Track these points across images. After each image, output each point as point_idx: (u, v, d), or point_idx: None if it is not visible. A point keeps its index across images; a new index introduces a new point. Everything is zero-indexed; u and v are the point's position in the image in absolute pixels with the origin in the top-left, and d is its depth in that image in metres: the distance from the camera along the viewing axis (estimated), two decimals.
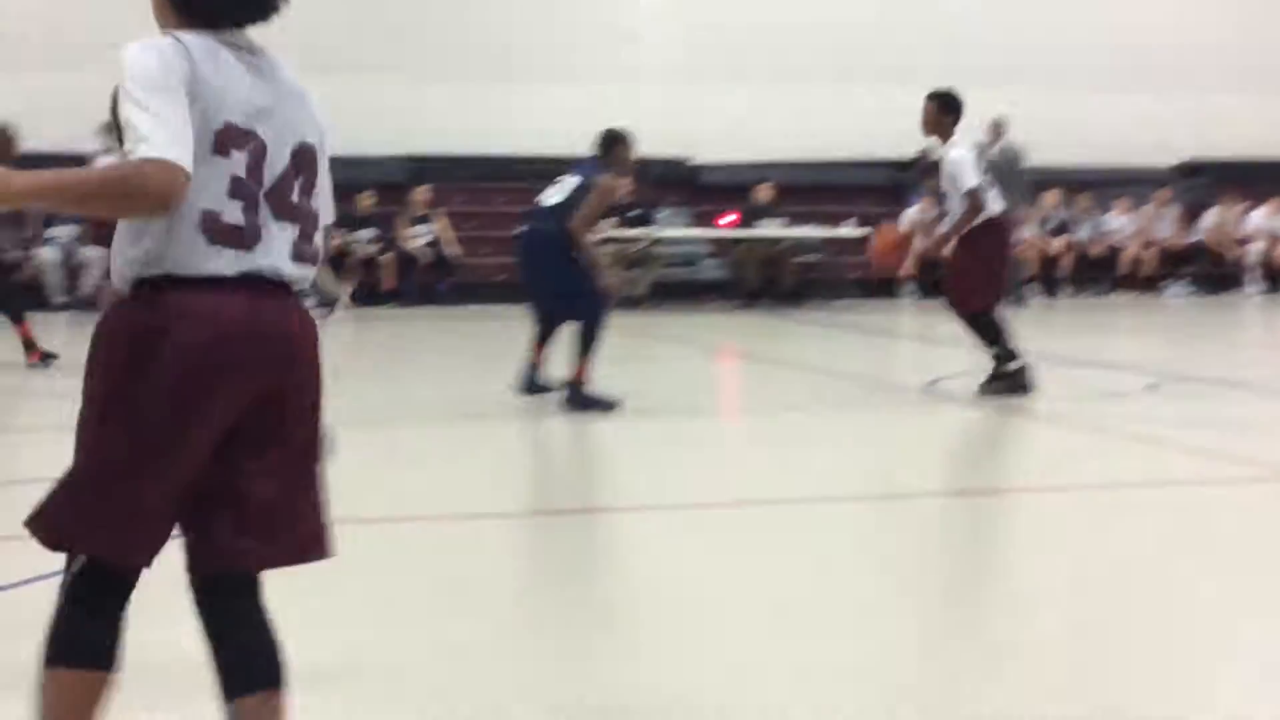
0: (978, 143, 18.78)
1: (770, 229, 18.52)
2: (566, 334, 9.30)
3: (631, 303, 17.81)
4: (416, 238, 18.52)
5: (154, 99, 2.58)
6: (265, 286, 2.76)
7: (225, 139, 2.68)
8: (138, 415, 2.69)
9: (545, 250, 9.16)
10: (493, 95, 19.85)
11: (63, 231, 17.02)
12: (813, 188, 20.22)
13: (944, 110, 9.83)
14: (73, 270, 17.06)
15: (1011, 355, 9.74)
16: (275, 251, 2.77)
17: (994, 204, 9.74)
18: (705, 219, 19.39)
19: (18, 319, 11.37)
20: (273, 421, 2.77)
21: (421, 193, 18.57)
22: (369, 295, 18.19)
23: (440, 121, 19.45)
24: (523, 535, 6.30)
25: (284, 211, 2.79)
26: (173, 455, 2.70)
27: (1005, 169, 17.94)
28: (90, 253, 17.08)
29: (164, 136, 2.55)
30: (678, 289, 18.74)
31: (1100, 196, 20.83)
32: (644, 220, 18.37)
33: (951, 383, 10.67)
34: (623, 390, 9.29)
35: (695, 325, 16.23)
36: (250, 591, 2.85)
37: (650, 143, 19.62)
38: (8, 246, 11.95)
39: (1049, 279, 20.11)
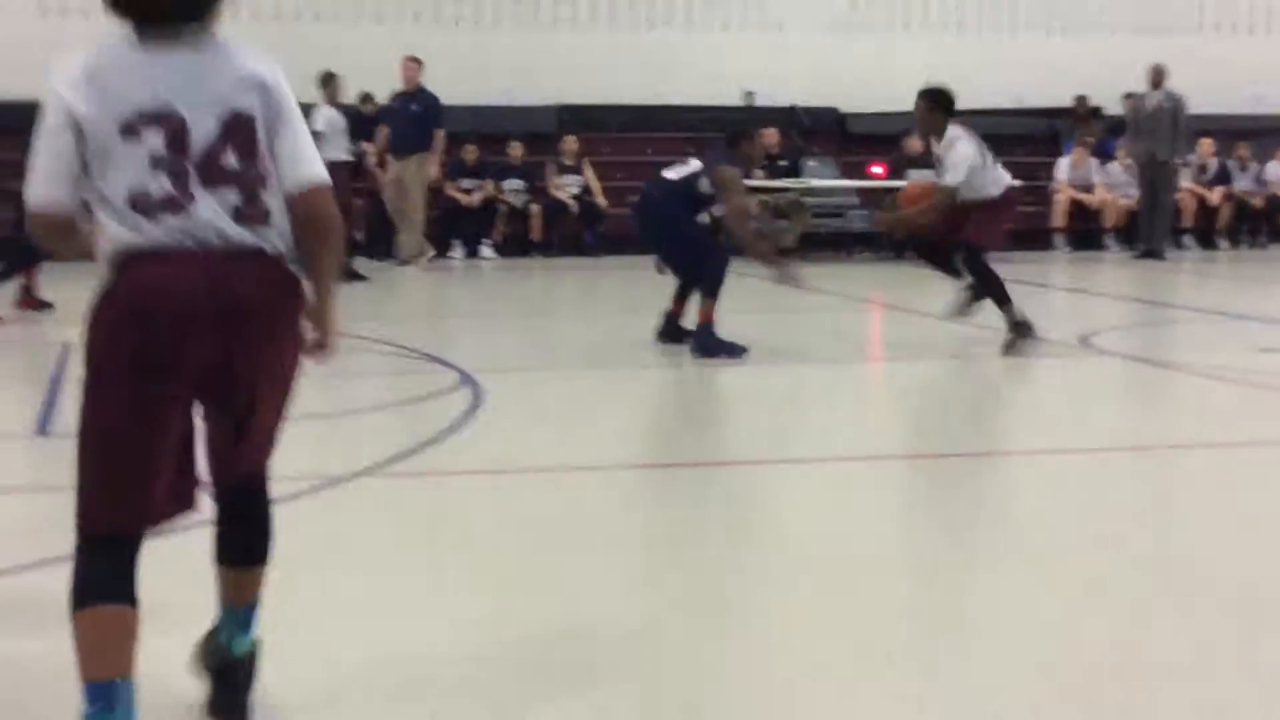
0: (1131, 94, 18.39)
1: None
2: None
3: (779, 253, 17.72)
4: (565, 187, 18.59)
5: (42, 141, 3.07)
6: (212, 249, 3.06)
7: (133, 125, 3.04)
8: (104, 383, 3.08)
9: (658, 220, 9.63)
10: (642, 44, 19.84)
11: None
12: None
13: (935, 108, 9.68)
14: None
15: (1009, 301, 9.73)
16: (212, 214, 3.07)
17: (993, 187, 9.65)
18: (854, 169, 19.21)
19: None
20: (224, 372, 3.10)
21: (570, 142, 18.62)
22: (517, 245, 18.31)
23: (589, 71, 19.49)
24: (663, 487, 6.30)
25: (216, 177, 3.09)
26: (138, 414, 3.06)
27: (1165, 118, 17.53)
28: None
29: (37, 178, 3.07)
30: (826, 240, 18.60)
31: (1262, 145, 20.26)
32: (792, 170, 18.23)
33: (1106, 335, 10.47)
34: (769, 341, 9.27)
35: (843, 276, 16.10)
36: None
37: (799, 92, 19.61)
38: None
39: (1207, 230, 19.63)
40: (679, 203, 9.47)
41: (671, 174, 9.63)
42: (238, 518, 3.42)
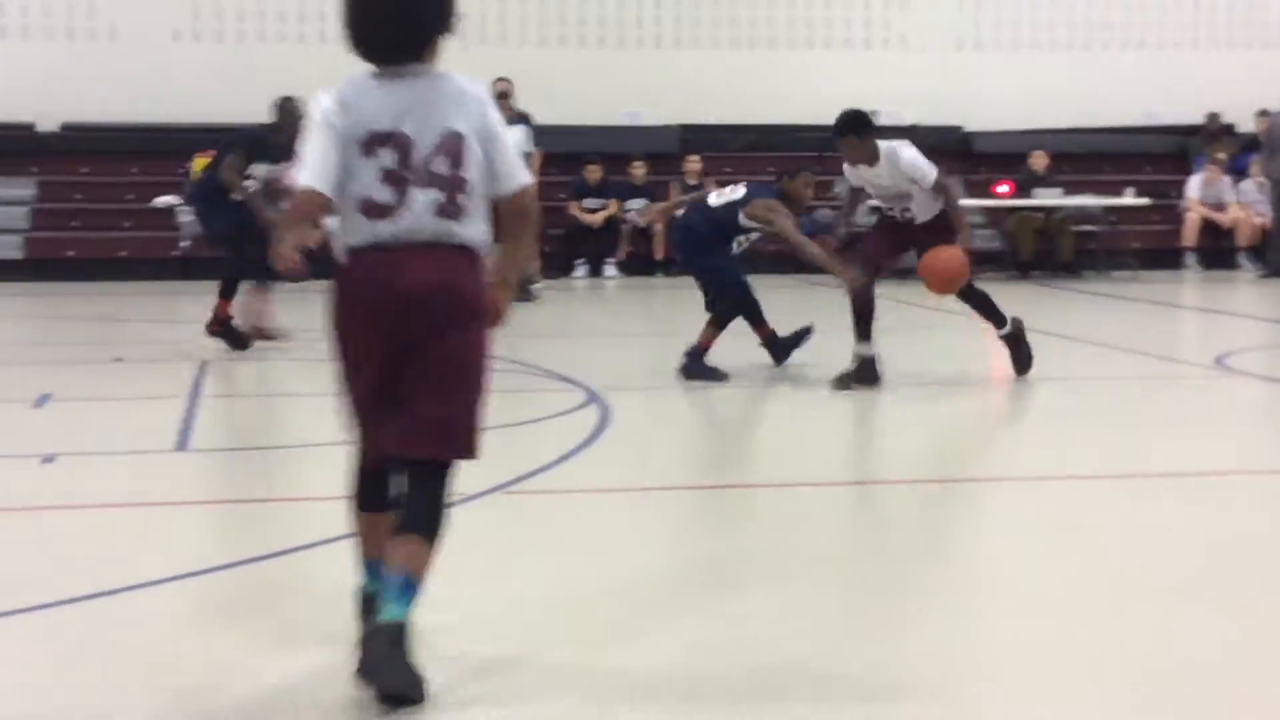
0: (1265, 112, 18.05)
1: (1046, 198, 18.09)
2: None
3: (902, 273, 17.62)
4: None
5: (313, 141, 3.84)
6: (410, 244, 3.79)
7: (370, 144, 3.81)
8: (340, 348, 3.88)
9: (691, 243, 9.78)
10: (765, 64, 19.86)
11: None
12: (1090, 155, 19.70)
13: (864, 134, 8.87)
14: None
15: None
16: (417, 214, 3.79)
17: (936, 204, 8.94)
18: (978, 188, 19.05)
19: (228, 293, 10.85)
20: (413, 341, 3.79)
21: (692, 162, 18.65)
22: (640, 264, 18.37)
23: (712, 91, 19.54)
24: (797, 505, 6.30)
25: (428, 182, 3.81)
26: (359, 372, 3.86)
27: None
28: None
29: (308, 167, 3.83)
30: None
31: None
32: None
33: (1242, 356, 10.30)
34: (893, 360, 9.21)
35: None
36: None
37: (922, 110, 19.50)
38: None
39: None
40: (713, 228, 9.57)
41: (714, 199, 9.77)
42: (412, 488, 3.89)
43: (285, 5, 18.87)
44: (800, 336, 9.78)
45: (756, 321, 9.74)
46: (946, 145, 19.75)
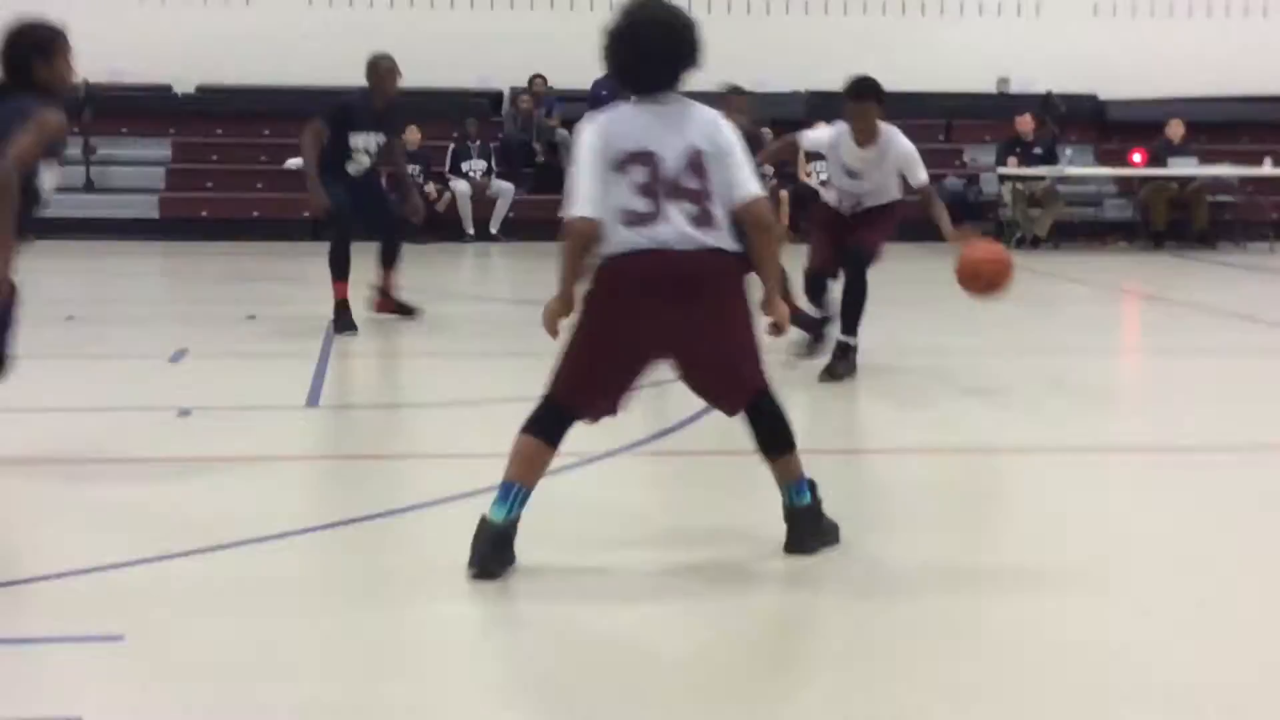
0: None
1: (1181, 168, 17.73)
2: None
3: (1033, 242, 17.39)
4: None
5: (582, 172, 4.47)
6: (670, 249, 4.38)
7: (624, 162, 4.41)
8: (580, 330, 4.49)
9: None
10: (893, 29, 19.66)
11: (476, 165, 17.74)
12: (1228, 124, 19.29)
13: (880, 103, 8.31)
14: (484, 203, 17.74)
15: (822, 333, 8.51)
16: (673, 224, 4.39)
17: (897, 189, 8.56)
18: (1112, 157, 18.74)
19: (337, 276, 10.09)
20: (683, 334, 4.45)
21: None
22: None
23: (839, 57, 19.36)
24: (915, 472, 6.26)
25: (679, 195, 4.40)
26: (617, 351, 4.48)
27: None
28: (500, 185, 17.76)
29: (579, 199, 4.44)
30: (1081, 228, 18.19)
31: None
32: (1047, 158, 17.86)
33: None
34: (1019, 331, 9.09)
35: (1100, 266, 15.72)
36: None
37: (1056, 78, 19.19)
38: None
39: None
40: None
41: None
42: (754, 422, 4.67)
43: None
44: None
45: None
46: (1080, 113, 19.47)
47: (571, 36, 18.44)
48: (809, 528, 4.72)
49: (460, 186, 17.54)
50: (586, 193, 4.43)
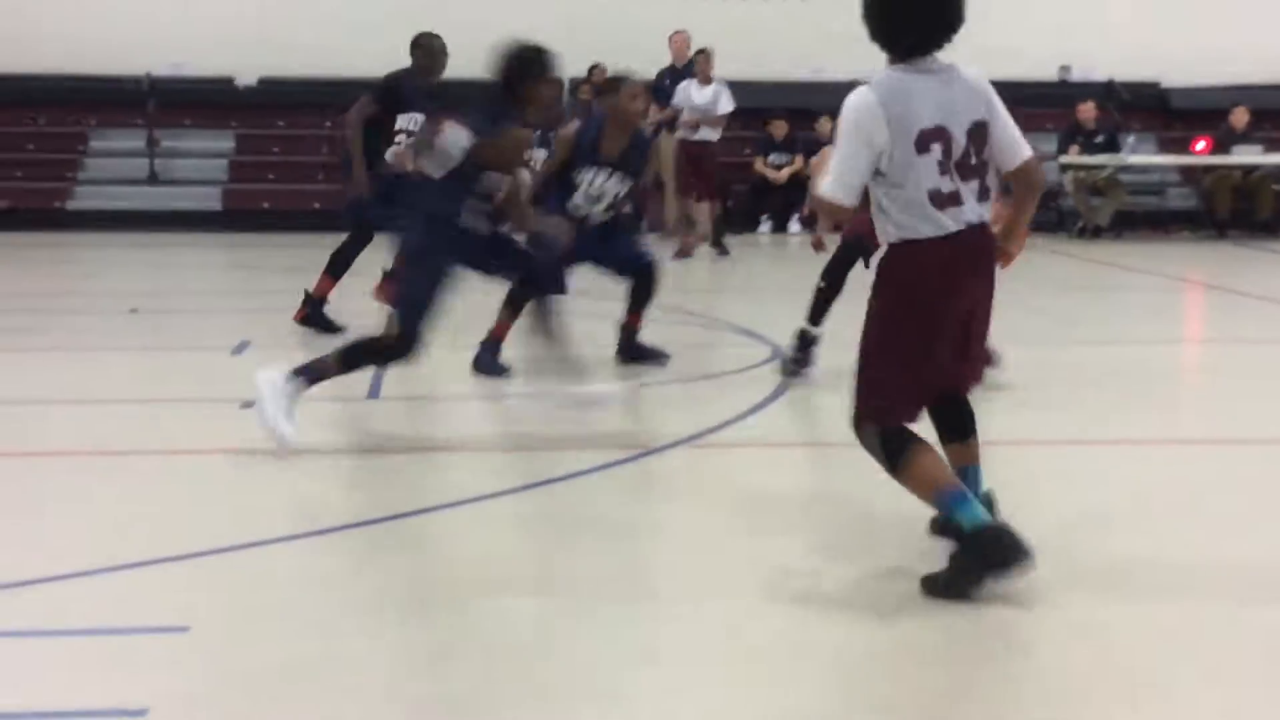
0: None
1: (1245, 155, 17.55)
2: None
3: (1095, 231, 17.26)
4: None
5: (848, 151, 4.22)
6: (969, 229, 4.25)
7: (923, 140, 4.18)
8: (898, 328, 4.29)
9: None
10: None
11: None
12: None
13: None
14: None
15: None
16: (969, 203, 4.25)
17: None
18: (1175, 145, 18.57)
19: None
20: (977, 302, 4.38)
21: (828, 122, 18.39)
22: (783, 219, 18.24)
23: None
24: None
25: (968, 173, 4.25)
26: (935, 342, 4.29)
27: None
28: None
29: (838, 178, 4.24)
30: (1144, 218, 18.04)
31: None
32: (1110, 146, 17.72)
33: None
34: (1076, 319, 9.04)
35: (1162, 255, 15.59)
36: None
37: (1118, 65, 19.04)
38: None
39: None
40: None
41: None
42: (952, 410, 4.56)
43: None
44: (655, 355, 8.30)
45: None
46: (1143, 101, 19.30)
47: (626, 22, 18.51)
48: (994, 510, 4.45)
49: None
50: (846, 173, 4.22)
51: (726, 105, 15.17)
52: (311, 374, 6.20)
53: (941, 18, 4.26)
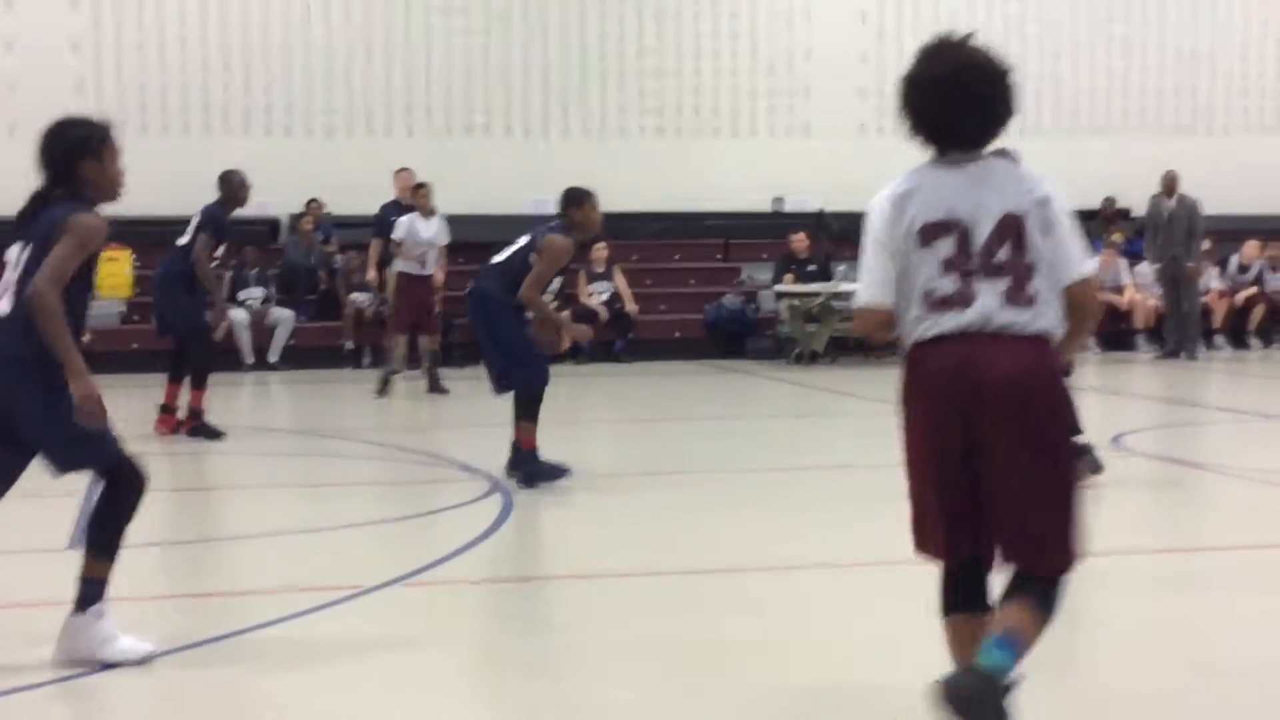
0: (1154, 196, 18.38)
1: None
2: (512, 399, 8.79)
3: (810, 358, 17.75)
4: (595, 294, 18.68)
5: (867, 254, 3.86)
6: (979, 334, 3.69)
7: (927, 234, 3.75)
8: (908, 445, 3.83)
9: (484, 309, 8.71)
10: (672, 153, 20.01)
11: (254, 294, 17.52)
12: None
13: None
14: (264, 331, 17.50)
15: None
16: (982, 305, 3.69)
17: None
18: None
19: (197, 385, 10.84)
20: (990, 440, 3.68)
21: (600, 249, 18.68)
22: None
23: (618, 178, 19.64)
24: (694, 592, 6.29)
25: (992, 271, 3.71)
26: (929, 469, 3.76)
27: (1180, 223, 17.59)
28: (279, 313, 17.53)
29: (865, 283, 3.87)
30: (856, 344, 18.61)
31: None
32: (822, 274, 18.32)
33: (1137, 436, 10.43)
34: (803, 446, 9.25)
35: (873, 380, 16.08)
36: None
37: (828, 196, 19.72)
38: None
39: (1239, 330, 19.56)
40: (505, 290, 8.55)
41: (500, 256, 8.76)
42: (1024, 588, 3.75)
43: (188, 97, 18.80)
44: (555, 472, 8.56)
45: (526, 419, 8.58)
46: (853, 231, 19.72)
47: (346, 162, 18.51)
48: (980, 690, 3.59)
49: (238, 315, 17.29)
50: (876, 275, 3.82)
51: (443, 238, 15.21)
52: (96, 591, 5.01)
53: (987, 121, 3.84)
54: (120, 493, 5.07)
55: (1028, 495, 3.67)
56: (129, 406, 10.98)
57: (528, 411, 8.60)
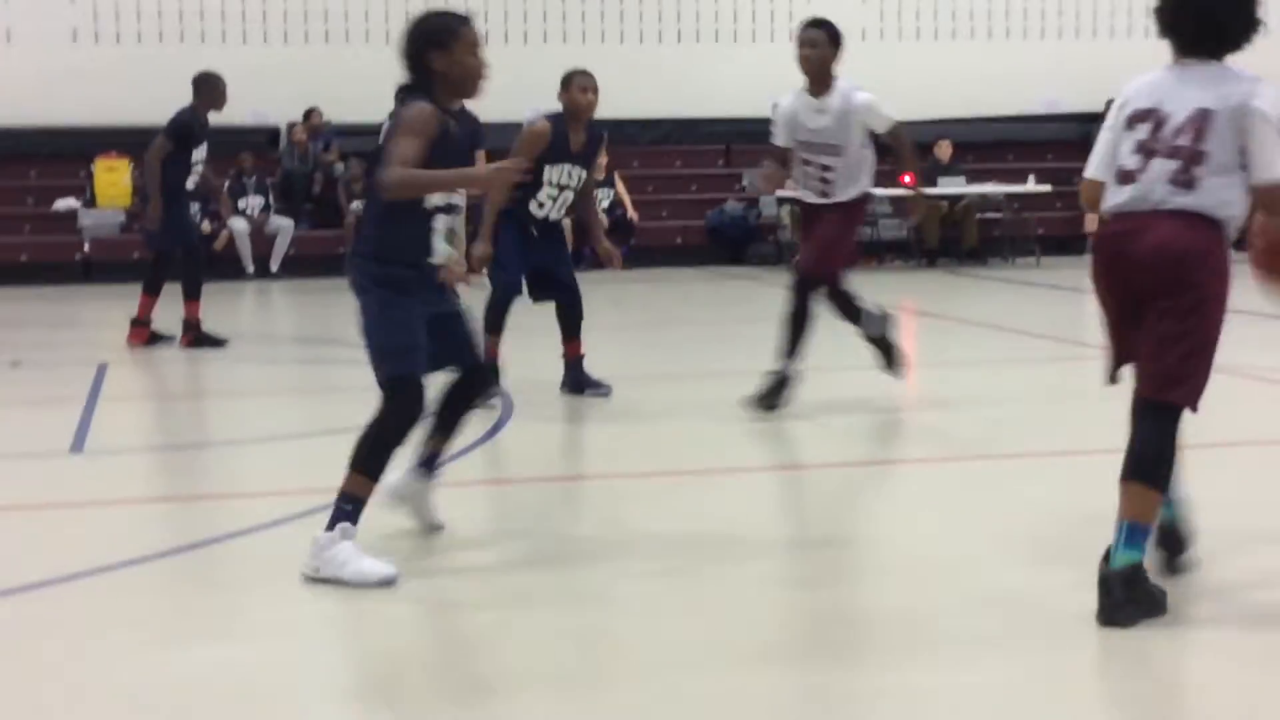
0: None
1: (950, 186, 18.22)
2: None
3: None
4: (596, 201, 18.59)
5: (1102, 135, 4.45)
6: (1144, 208, 4.26)
7: (1133, 119, 4.35)
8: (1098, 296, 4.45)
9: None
10: (674, 58, 19.84)
11: (253, 202, 17.45)
12: (993, 144, 19.87)
13: (837, 43, 7.96)
14: (264, 240, 17.45)
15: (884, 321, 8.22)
16: (1148, 181, 4.26)
17: (867, 177, 8.12)
18: (884, 178, 19.13)
19: (190, 296, 10.83)
20: (1144, 298, 4.27)
21: (600, 156, 18.54)
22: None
23: (619, 85, 19.48)
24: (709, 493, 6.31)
25: (1170, 153, 4.25)
26: (1107, 319, 4.41)
27: None
28: (279, 222, 17.47)
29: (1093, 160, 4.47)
30: (858, 248, 18.55)
31: None
32: None
33: None
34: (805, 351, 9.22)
35: (876, 284, 16.01)
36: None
37: None
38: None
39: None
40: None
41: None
42: (1141, 429, 4.33)
43: (184, 4, 18.63)
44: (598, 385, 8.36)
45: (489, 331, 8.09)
46: None
47: (347, 70, 18.34)
48: (1124, 593, 4.16)
49: (238, 224, 17.23)
50: (1104, 156, 4.42)
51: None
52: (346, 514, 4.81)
53: (1229, 34, 4.34)
54: (392, 413, 4.83)
55: (1167, 340, 4.22)
56: (128, 316, 10.96)
57: (486, 320, 8.12)
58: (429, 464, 5.25)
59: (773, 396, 7.68)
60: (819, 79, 7.85)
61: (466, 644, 4.40)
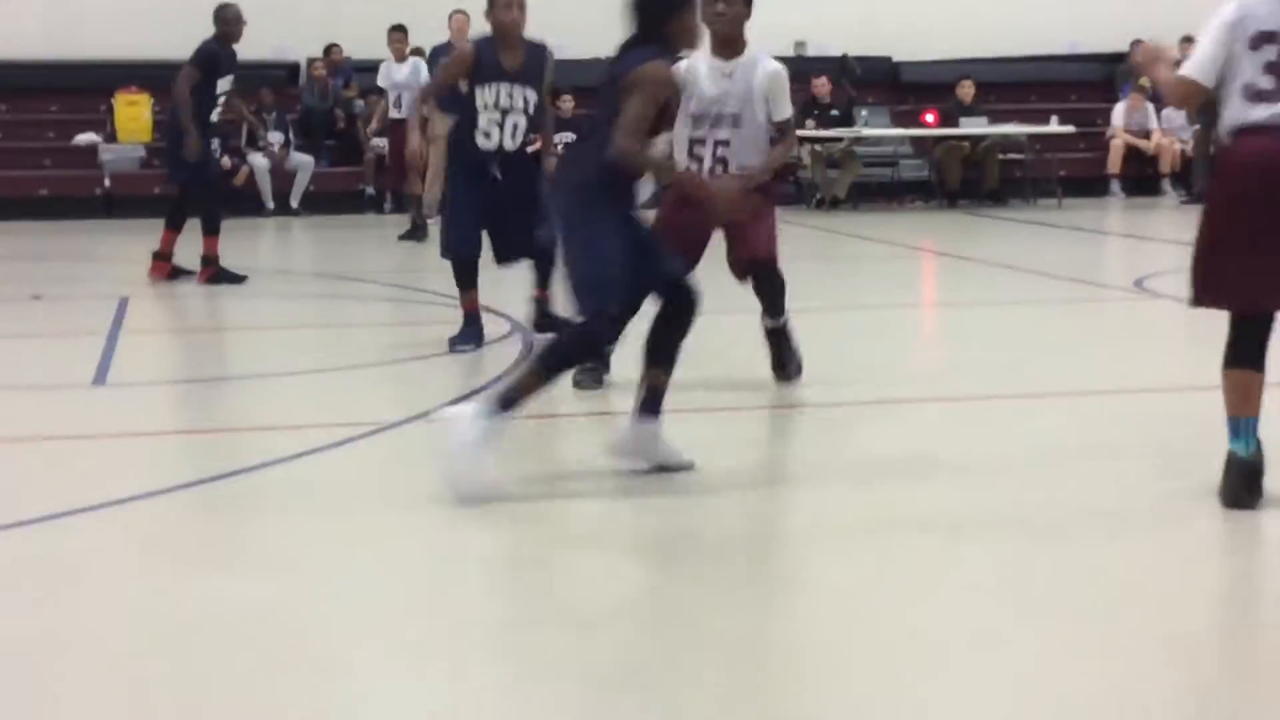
0: (1188, 38, 18.10)
1: (972, 127, 18.13)
2: None
3: (833, 202, 17.65)
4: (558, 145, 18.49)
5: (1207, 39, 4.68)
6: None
7: (1258, 40, 4.57)
8: (1213, 213, 4.72)
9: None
10: None
11: (273, 138, 17.42)
12: (1016, 84, 19.75)
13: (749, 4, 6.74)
14: (285, 176, 17.43)
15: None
16: None
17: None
18: (906, 118, 19.08)
19: (209, 231, 10.82)
20: None
21: (547, 75, 18.37)
22: None
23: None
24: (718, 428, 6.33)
25: None
26: (1233, 236, 4.63)
27: None
28: (299, 158, 17.44)
29: (1195, 60, 4.71)
30: (878, 189, 18.51)
31: None
32: (844, 120, 18.13)
33: (1161, 279, 10.40)
34: (825, 288, 9.24)
35: (897, 225, 16.03)
36: None
37: (851, 41, 19.47)
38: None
39: None
40: None
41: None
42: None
43: None
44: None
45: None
46: (875, 75, 19.77)
47: (369, 6, 18.25)
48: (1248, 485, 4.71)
49: (258, 160, 17.22)
50: (1205, 59, 4.64)
51: (416, 80, 15.04)
52: (508, 400, 5.05)
53: None
54: (675, 313, 5.17)
55: None
56: (149, 251, 10.99)
57: (455, 278, 7.99)
58: (651, 406, 5.23)
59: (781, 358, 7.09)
60: (730, 40, 6.71)
61: (498, 584, 4.44)
